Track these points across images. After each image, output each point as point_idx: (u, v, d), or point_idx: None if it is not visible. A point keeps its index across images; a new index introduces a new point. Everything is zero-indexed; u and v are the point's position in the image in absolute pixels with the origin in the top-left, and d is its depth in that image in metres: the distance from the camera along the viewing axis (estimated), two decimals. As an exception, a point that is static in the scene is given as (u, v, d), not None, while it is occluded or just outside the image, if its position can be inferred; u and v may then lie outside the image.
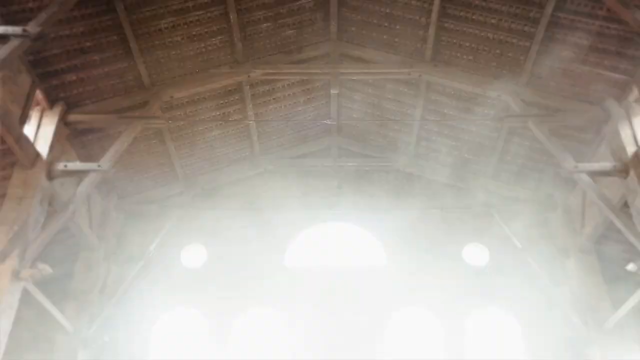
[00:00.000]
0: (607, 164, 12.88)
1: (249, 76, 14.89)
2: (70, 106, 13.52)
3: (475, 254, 16.64)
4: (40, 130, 12.95)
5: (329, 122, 16.91)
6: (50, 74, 12.70)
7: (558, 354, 15.00)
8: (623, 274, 14.80)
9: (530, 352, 15.12)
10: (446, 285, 15.98)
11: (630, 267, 11.86)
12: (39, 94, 12.76)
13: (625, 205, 13.38)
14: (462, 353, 15.10)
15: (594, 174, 13.01)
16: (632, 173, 12.22)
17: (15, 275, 11.44)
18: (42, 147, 12.74)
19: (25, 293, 12.45)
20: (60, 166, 12.93)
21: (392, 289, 15.97)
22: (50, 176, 12.85)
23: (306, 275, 16.25)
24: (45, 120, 13.08)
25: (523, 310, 15.60)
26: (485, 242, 16.75)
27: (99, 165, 13.27)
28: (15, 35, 10.17)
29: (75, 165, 13.38)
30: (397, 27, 14.46)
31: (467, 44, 14.06)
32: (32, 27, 10.30)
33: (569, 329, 14.91)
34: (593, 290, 14.97)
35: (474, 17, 13.39)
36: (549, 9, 12.28)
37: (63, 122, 13.31)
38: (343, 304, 15.68)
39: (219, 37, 14.18)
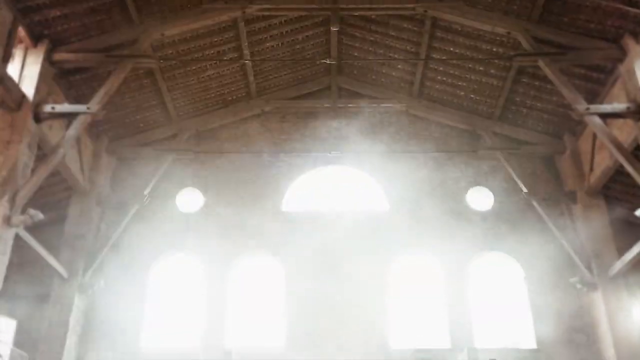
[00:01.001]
0: (620, 106, 12.71)
1: (244, 12, 14.47)
2: (55, 44, 13.21)
3: (480, 198, 16.66)
4: (24, 70, 12.70)
5: (329, 62, 16.54)
6: (32, 9, 12.32)
7: (560, 300, 15.26)
8: (631, 220, 14.94)
9: (532, 297, 15.36)
10: (449, 231, 16.09)
11: (639, 212, 11.87)
12: (21, 31, 12.43)
13: (637, 148, 13.32)
14: (464, 298, 15.34)
15: (605, 116, 12.87)
16: (645, 115, 12.09)
17: (6, 221, 11.49)
18: (28, 88, 12.52)
19: (18, 239, 12.55)
20: (47, 108, 12.76)
21: (394, 234, 16.08)
22: (38, 119, 12.70)
23: (305, 221, 16.32)
24: (29, 60, 12.81)
25: (526, 255, 15.77)
26: (490, 187, 16.75)
27: (88, 108, 13.09)
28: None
29: (64, 107, 13.19)
30: (402, -42, 13.97)
31: (476, -23, 13.63)
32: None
33: (573, 275, 15.11)
34: (599, 236, 15.10)
35: (484, -53, 12.92)
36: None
37: (48, 61, 13.04)
38: (343, 250, 15.82)
39: (212, -31, 13.73)
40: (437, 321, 15.36)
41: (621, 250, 14.50)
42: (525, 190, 16.05)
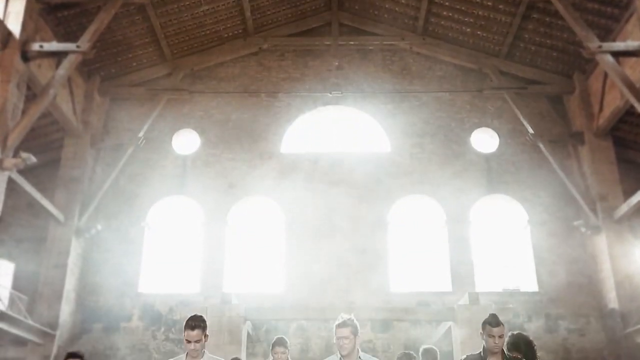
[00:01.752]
0: (633, 43, 12.41)
1: (239, -58, 13.97)
2: (39, -23, 12.80)
3: (485, 140, 16.52)
4: (9, 6, 12.33)
5: (329, -5, 16.12)
6: (14, -60, 11.89)
7: (563, 243, 15.37)
8: (638, 162, 14.86)
9: (535, 240, 15.46)
10: (452, 173, 16.04)
11: (648, 155, 11.79)
12: (3, -36, 12.03)
13: (649, 88, 13.09)
14: (466, 241, 15.45)
15: (618, 55, 12.60)
16: (660, 53, 11.82)
17: (-2, 164, 11.42)
18: (14, 25, 12.20)
19: (11, 182, 12.53)
20: (35, 47, 12.48)
21: (396, 176, 16.04)
22: (26, 57, 12.44)
23: (305, 163, 16.26)
24: (13, -6, 12.44)
25: (530, 198, 15.79)
26: (495, 128, 16.58)
27: (77, 46, 12.81)
28: None
29: (52, 45, 12.91)
30: None
31: None
32: None
33: (577, 218, 15.16)
34: (605, 178, 15.07)
35: None
36: None
37: (33, -5, 12.67)
38: (343, 193, 15.82)
39: None
40: (439, 265, 15.53)
41: (627, 193, 14.51)
42: (531, 131, 15.90)
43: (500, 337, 4.04)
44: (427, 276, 15.47)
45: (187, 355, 3.96)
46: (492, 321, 4.11)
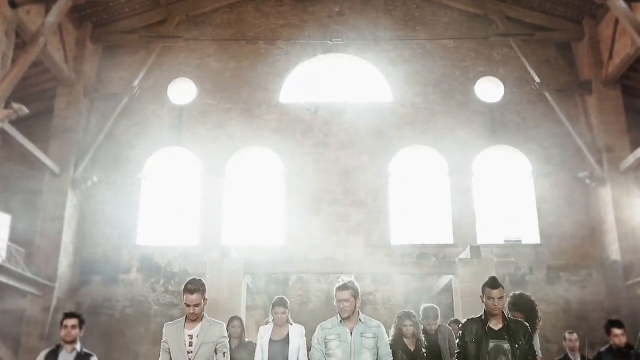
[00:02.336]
0: (647, -12, 12.11)
1: None
2: None
3: (489, 89, 16.31)
4: (-6, -51, 11.97)
5: None
6: None
7: (568, 195, 15.39)
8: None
9: (538, 192, 15.47)
10: (456, 123, 15.91)
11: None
12: None
13: (662, 36, 12.83)
14: (469, 193, 15.46)
15: (631, 0, 12.31)
16: (674, -1, 11.54)
17: (-11, 116, 11.31)
18: (-2, -31, 11.87)
19: (4, 134, 12.44)
20: (22, -8, 12.18)
21: (398, 127, 15.91)
22: (14, 3, 12.15)
23: (304, 113, 16.09)
24: (-3, -63, 12.04)
25: (535, 149, 15.70)
26: (500, 77, 16.34)
27: (67, -9, 12.49)
28: None
29: (40, -10, 12.58)
30: None
31: None
32: None
33: (582, 170, 15.14)
34: (612, 129, 14.97)
35: None
36: None
37: (18, -63, 12.27)
38: (344, 144, 15.74)
39: None
40: (440, 217, 15.58)
41: (634, 144, 14.43)
42: (537, 80, 15.68)
43: (500, 299, 4.05)
44: (429, 229, 15.54)
45: (186, 318, 3.98)
46: (491, 284, 4.13)
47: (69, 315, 4.98)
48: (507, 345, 3.91)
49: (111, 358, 14.03)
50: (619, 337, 5.36)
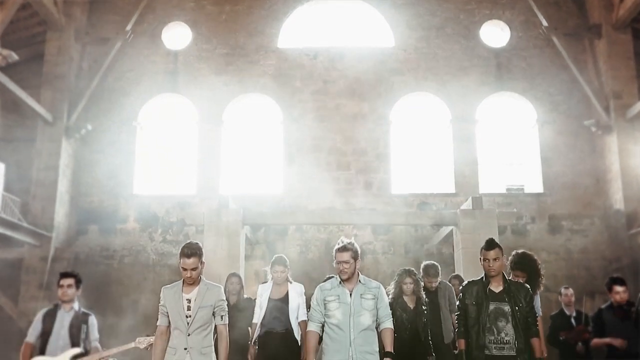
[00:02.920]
0: None
1: None
2: None
3: (495, 33, 15.98)
4: None
5: None
6: None
7: (572, 143, 15.32)
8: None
9: (543, 140, 15.38)
10: (459, 69, 15.66)
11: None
12: None
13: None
14: (471, 141, 15.37)
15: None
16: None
17: (-23, 63, 11.12)
18: None
19: (-7, 82, 12.29)
20: None
21: (399, 72, 15.68)
22: (-3, -56, 11.78)
23: (303, 59, 15.81)
24: None
25: (541, 96, 15.51)
26: (506, 20, 15.98)
27: None
28: None
29: None
30: None
31: None
32: None
33: (588, 117, 15.02)
34: (621, 75, 14.76)
35: None
36: None
37: None
38: (344, 90, 15.53)
39: None
40: (442, 166, 15.55)
41: (643, 91, 14.30)
42: (545, 24, 15.35)
43: (495, 260, 4.04)
44: (430, 178, 15.53)
45: (183, 282, 3.99)
46: (486, 245, 4.13)
47: (64, 275, 5.01)
48: (507, 308, 3.94)
49: (111, 307, 14.26)
50: (620, 294, 5.40)
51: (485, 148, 15.61)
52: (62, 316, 4.80)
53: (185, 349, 3.84)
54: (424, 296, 5.51)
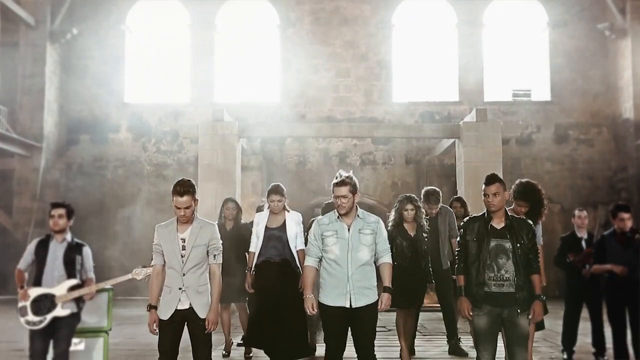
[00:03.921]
0: None
1: None
2: None
3: None
4: None
5: None
6: None
7: (584, 48, 14.97)
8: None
9: (553, 45, 15.02)
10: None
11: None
12: None
13: None
14: (478, 45, 15.01)
15: None
16: None
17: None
18: None
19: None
20: None
21: (403, -29, 15.14)
22: None
23: (300, -45, 15.19)
24: None
25: (553, -2, 15.08)
26: None
27: None
28: None
29: None
30: None
31: None
32: None
33: (602, 20, 14.59)
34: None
35: None
36: None
37: None
38: (343, -8, 15.07)
39: None
40: (446, 73, 15.24)
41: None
42: None
43: (495, 194, 4.00)
44: (433, 85, 15.25)
45: (177, 220, 3.98)
46: (486, 179, 4.08)
47: (55, 205, 4.98)
48: (508, 244, 3.94)
49: (106, 219, 14.50)
50: (625, 221, 5.43)
51: (492, 54, 15.27)
52: (55, 247, 4.82)
53: (180, 288, 3.89)
54: (426, 224, 5.54)
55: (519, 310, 3.96)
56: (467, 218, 4.25)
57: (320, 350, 4.84)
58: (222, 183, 10.61)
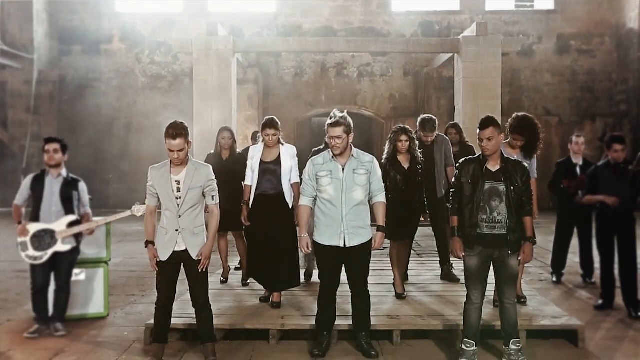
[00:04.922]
0: None
1: None
2: None
3: None
4: None
5: None
6: None
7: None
8: None
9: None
10: None
11: None
12: None
13: None
14: None
15: None
16: None
17: None
18: None
19: None
20: None
21: None
22: None
23: None
24: None
25: None
26: None
27: None
28: None
29: None
30: None
31: None
32: None
33: None
34: None
35: None
36: None
37: None
38: None
39: None
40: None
41: None
42: None
43: (490, 139, 3.97)
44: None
45: (171, 162, 3.97)
46: (480, 124, 4.04)
47: (49, 140, 4.94)
48: (502, 187, 3.95)
49: (103, 131, 14.44)
50: (619, 152, 5.40)
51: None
52: (50, 182, 4.82)
53: (177, 230, 3.93)
54: (420, 155, 5.50)
55: (509, 252, 4.03)
56: (463, 160, 4.23)
57: (316, 277, 4.98)
58: (217, 98, 10.49)
